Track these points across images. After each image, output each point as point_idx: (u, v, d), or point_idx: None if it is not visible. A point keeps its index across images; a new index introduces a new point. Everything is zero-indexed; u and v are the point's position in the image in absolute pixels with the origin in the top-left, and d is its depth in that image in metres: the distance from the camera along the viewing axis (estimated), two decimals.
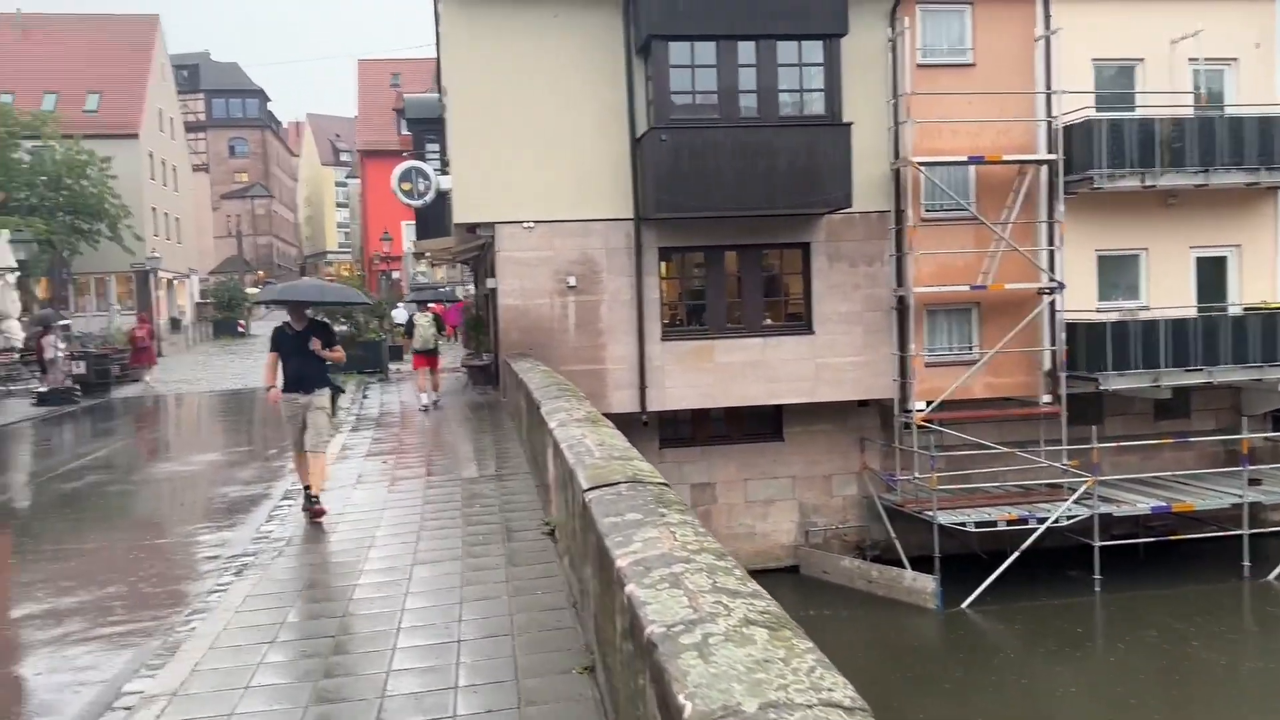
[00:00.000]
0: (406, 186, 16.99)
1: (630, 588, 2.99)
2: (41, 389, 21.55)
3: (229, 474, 11.28)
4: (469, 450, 11.49)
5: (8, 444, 15.60)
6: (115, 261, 44.00)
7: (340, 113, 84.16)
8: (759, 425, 18.87)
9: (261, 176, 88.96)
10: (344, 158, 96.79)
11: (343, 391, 9.83)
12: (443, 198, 22.96)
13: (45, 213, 39.74)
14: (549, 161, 16.78)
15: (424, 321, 17.50)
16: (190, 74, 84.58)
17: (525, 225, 16.85)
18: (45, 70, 47.83)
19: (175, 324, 50.78)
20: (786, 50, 16.41)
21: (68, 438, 16.52)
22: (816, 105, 16.67)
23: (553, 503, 7.41)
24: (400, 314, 19.77)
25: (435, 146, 23.13)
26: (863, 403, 18.37)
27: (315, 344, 8.47)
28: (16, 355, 26.41)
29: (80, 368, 23.40)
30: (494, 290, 18.55)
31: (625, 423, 17.07)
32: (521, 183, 16.76)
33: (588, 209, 16.96)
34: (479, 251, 20.48)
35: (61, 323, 28.54)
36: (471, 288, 33.58)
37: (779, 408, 18.41)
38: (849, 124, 16.47)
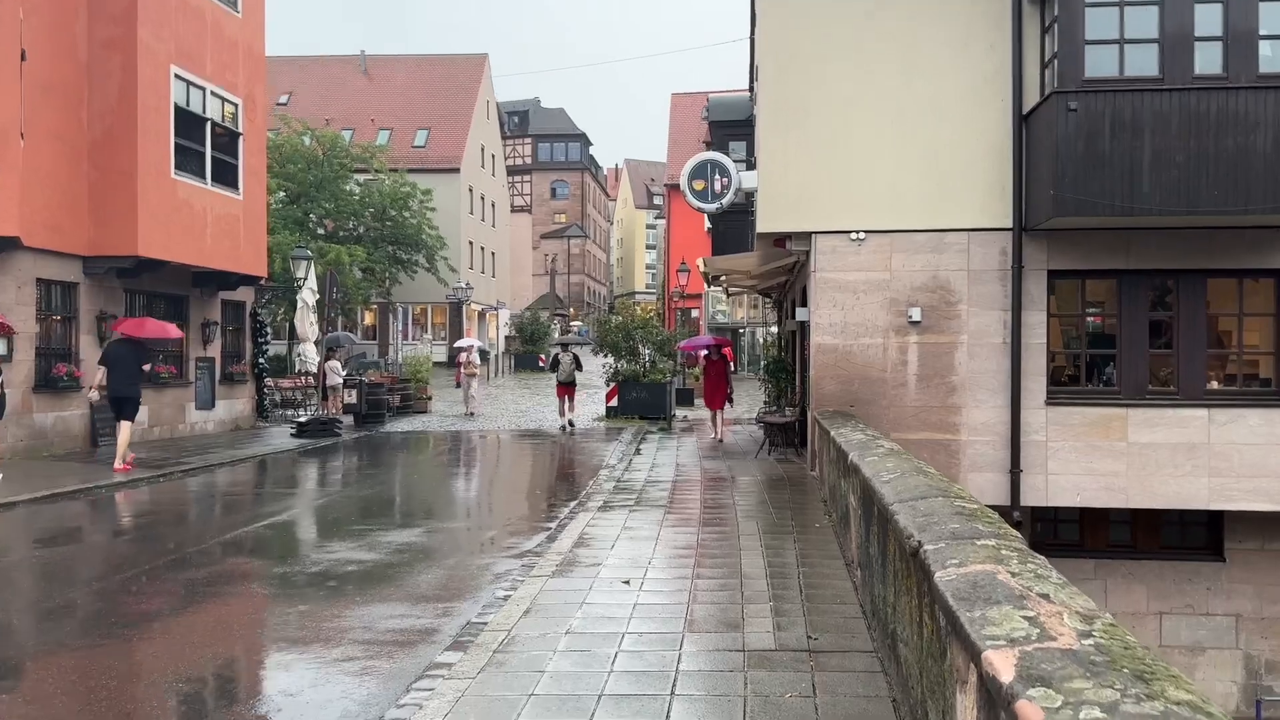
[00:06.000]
0: (699, 185, 13.03)
1: None
2: (301, 419, 19.86)
3: (421, 571, 7.67)
4: (760, 571, 7.08)
5: (220, 487, 13.25)
6: (431, 292, 44.57)
7: (657, 158, 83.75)
8: (1184, 535, 12.98)
9: (578, 218, 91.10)
10: (656, 200, 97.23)
11: None
12: (747, 215, 18.99)
13: (369, 242, 40.70)
14: (891, 151, 12.23)
15: (566, 360, 20.58)
16: (520, 119, 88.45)
17: (853, 236, 12.34)
18: (382, 108, 50.03)
19: (483, 355, 50.97)
20: None
21: (287, 482, 13.99)
22: None
23: None
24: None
25: (742, 155, 19.33)
26: None
27: None
28: (310, 379, 25.56)
29: (351, 397, 21.68)
30: (803, 324, 14.16)
31: None
32: (850, 180, 12.32)
33: (943, 215, 12.16)
34: (787, 276, 16.18)
35: (350, 347, 27.66)
36: (774, 329, 29.40)
37: (1219, 513, 12.46)
38: None
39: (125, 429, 13.25)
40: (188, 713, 4.99)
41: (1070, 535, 13.23)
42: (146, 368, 14.33)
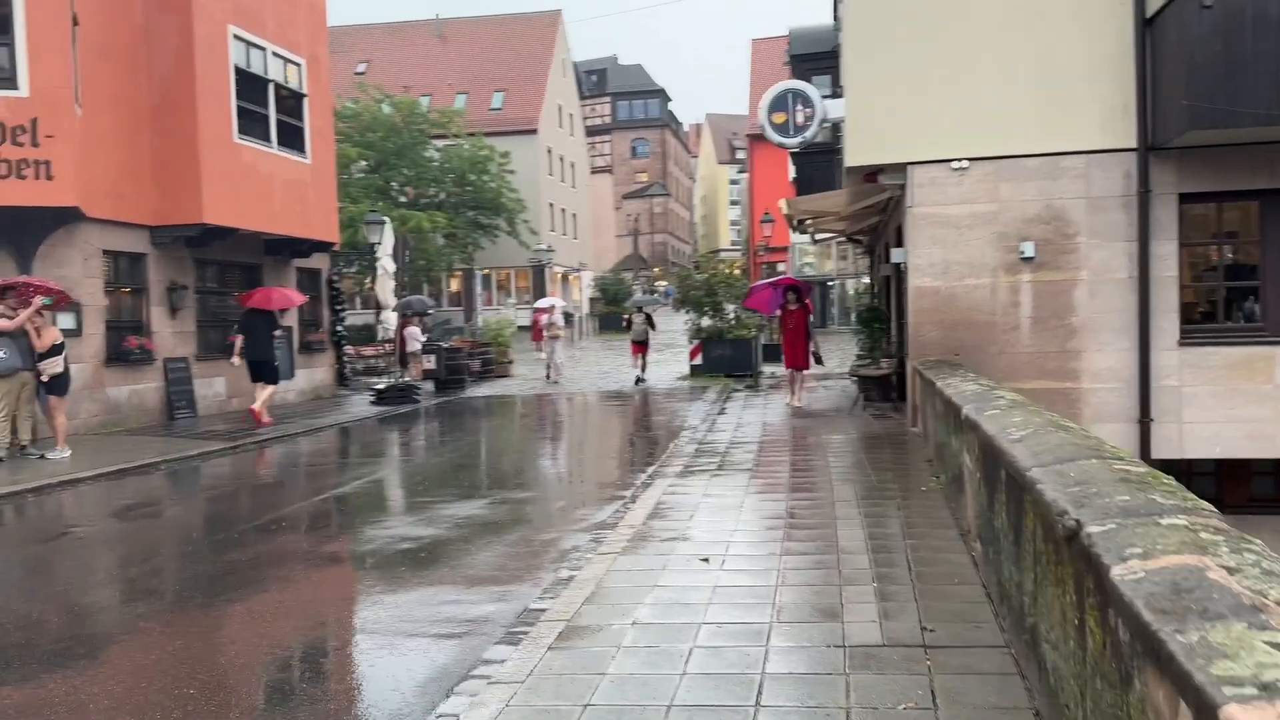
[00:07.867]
0: (779, 118, 11.96)
1: None
2: (379, 385, 19.52)
3: (481, 548, 7.00)
4: (859, 544, 6.17)
5: (293, 457, 12.88)
6: (513, 256, 44.16)
7: (740, 112, 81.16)
8: None
9: (660, 176, 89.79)
10: (739, 155, 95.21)
11: None
12: (833, 155, 17.78)
13: (450, 208, 40.42)
14: (994, 68, 10.97)
15: (638, 320, 21.43)
16: (599, 78, 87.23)
17: (954, 165, 11.15)
18: (458, 72, 49.60)
19: (567, 317, 50.48)
20: None
21: (360, 451, 13.58)
22: None
23: None
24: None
25: (827, 90, 18.04)
26: None
27: None
28: (388, 347, 25.31)
29: (430, 363, 21.29)
30: (899, 267, 13.04)
31: None
32: (949, 102, 11.10)
33: (1056, 137, 10.88)
34: (879, 216, 14.99)
35: (428, 313, 27.31)
36: (865, 279, 27.99)
37: None
38: None
39: (262, 390, 14.74)
40: None
41: (1205, 490, 11.85)
42: (278, 334, 15.68)
